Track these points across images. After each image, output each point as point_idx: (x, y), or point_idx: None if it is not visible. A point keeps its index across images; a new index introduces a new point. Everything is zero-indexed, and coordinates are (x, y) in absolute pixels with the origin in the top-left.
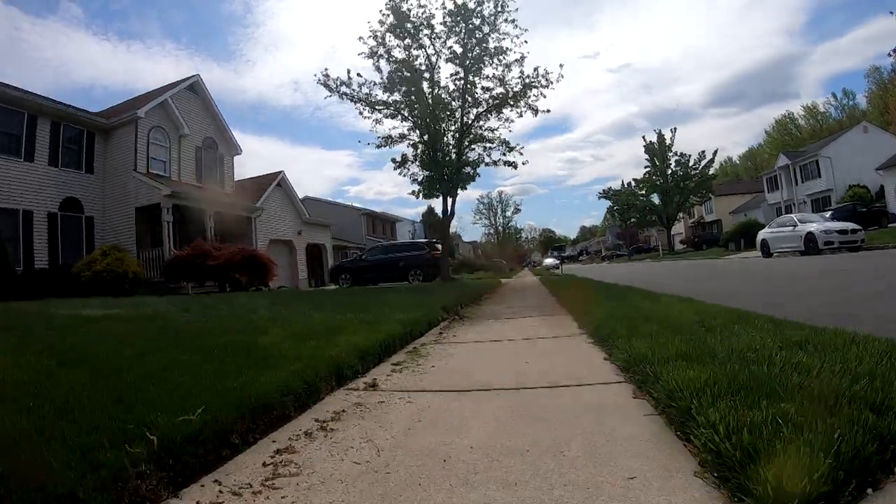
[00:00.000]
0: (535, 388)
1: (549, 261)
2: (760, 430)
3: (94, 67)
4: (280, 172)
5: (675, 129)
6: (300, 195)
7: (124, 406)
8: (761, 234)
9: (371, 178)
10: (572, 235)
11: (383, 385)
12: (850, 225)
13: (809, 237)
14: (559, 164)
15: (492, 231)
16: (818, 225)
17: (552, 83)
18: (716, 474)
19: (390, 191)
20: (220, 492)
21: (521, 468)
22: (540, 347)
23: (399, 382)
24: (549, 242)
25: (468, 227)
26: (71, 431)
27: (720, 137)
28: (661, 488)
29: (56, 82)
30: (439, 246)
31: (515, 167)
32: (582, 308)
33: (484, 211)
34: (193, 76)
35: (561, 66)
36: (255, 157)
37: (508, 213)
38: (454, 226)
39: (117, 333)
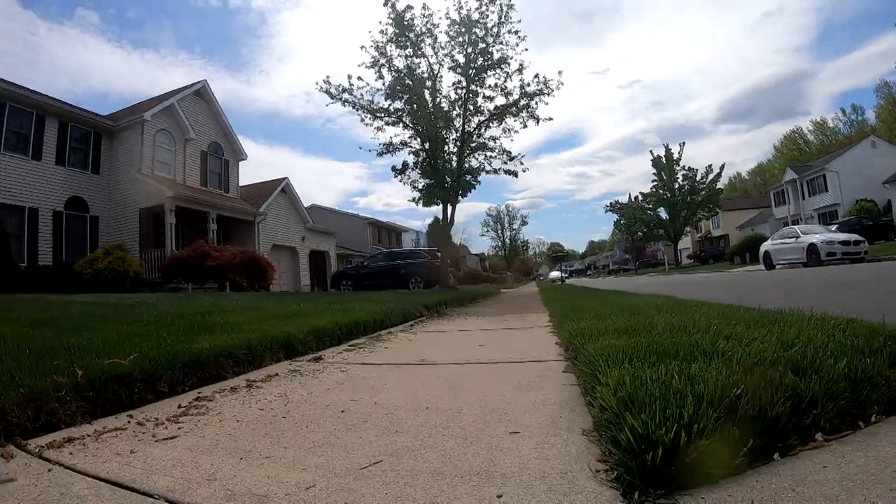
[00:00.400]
0: (473, 363)
1: (554, 274)
2: (645, 381)
3: (109, 74)
4: (284, 179)
5: (684, 143)
6: (310, 204)
7: (70, 352)
8: (764, 247)
9: (380, 190)
10: (581, 250)
11: (329, 359)
12: (852, 236)
13: (812, 248)
14: (568, 178)
15: (499, 244)
16: (821, 236)
17: (552, 91)
18: (603, 431)
19: (398, 202)
20: (129, 422)
21: (412, 421)
22: (502, 336)
23: (346, 357)
24: (558, 256)
25: (476, 239)
26: (13, 367)
27: (730, 154)
28: (541, 443)
29: (72, 88)
30: (441, 254)
31: (516, 175)
32: (562, 306)
33: (492, 224)
34: (200, 81)
35: (560, 72)
36: (266, 166)
37: (516, 226)
38: (461, 237)
39: (97, 313)
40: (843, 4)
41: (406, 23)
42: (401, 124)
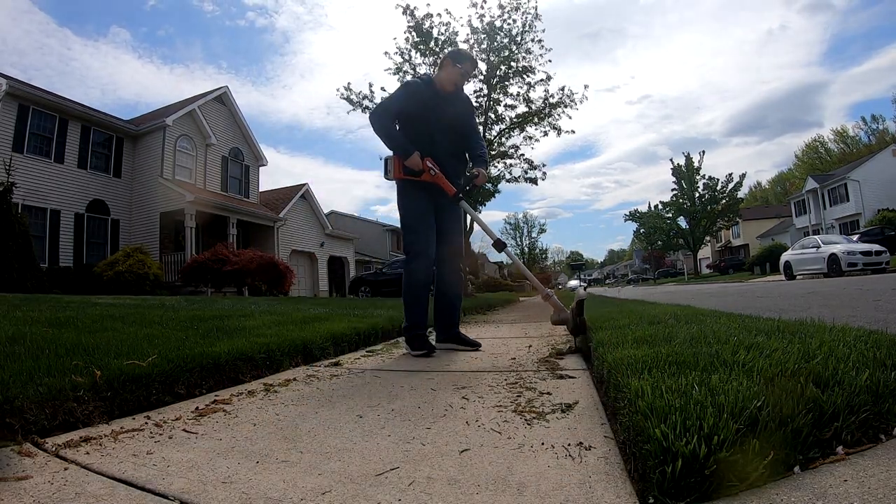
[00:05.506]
0: (491, 371)
1: (572, 283)
2: (664, 392)
3: (139, 87)
4: (304, 185)
5: (704, 152)
6: (330, 210)
7: (88, 353)
8: (784, 256)
9: None
10: (598, 258)
11: (347, 365)
12: (874, 246)
13: (833, 259)
14: (583, 188)
15: (518, 252)
16: (842, 246)
17: (576, 103)
18: (622, 438)
19: None
20: (146, 423)
21: (429, 428)
22: (520, 343)
23: (362, 364)
24: (577, 265)
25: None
26: (32, 366)
27: (743, 165)
28: (558, 453)
29: (102, 98)
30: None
31: (536, 183)
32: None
33: (510, 231)
34: (221, 88)
35: (586, 86)
36: (287, 174)
37: (534, 234)
38: (480, 246)
39: (116, 314)
40: (850, 20)
41: (426, 30)
42: None
